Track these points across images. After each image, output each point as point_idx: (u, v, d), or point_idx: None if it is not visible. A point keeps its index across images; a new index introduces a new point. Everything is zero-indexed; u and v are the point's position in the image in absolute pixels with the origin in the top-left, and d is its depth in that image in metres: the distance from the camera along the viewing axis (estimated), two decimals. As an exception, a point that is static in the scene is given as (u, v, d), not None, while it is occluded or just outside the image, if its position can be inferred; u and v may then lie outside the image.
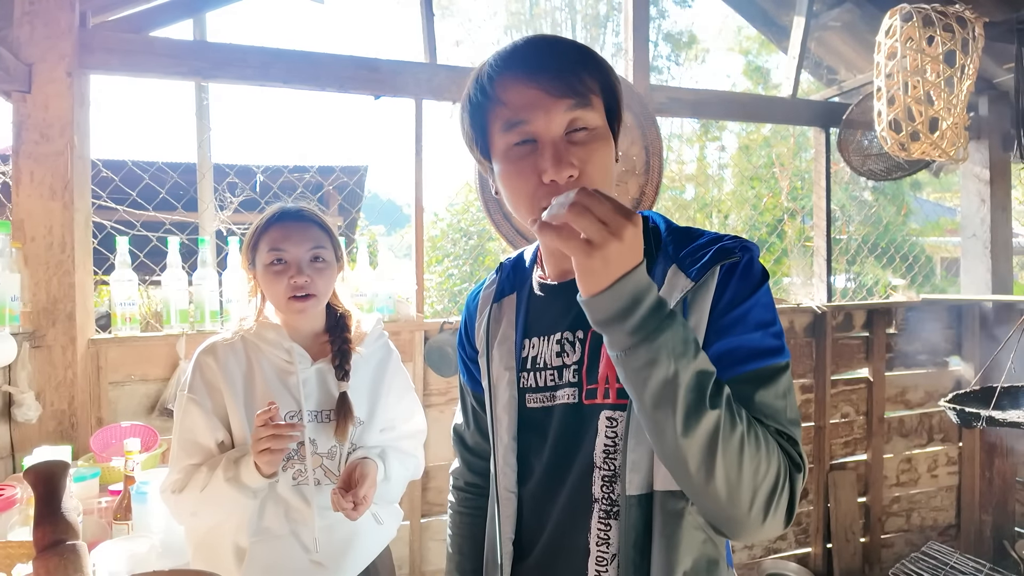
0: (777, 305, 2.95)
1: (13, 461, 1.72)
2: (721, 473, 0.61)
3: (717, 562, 0.75)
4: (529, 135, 0.72)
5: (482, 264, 6.46)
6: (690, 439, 0.61)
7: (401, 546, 2.19)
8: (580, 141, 0.72)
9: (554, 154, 0.70)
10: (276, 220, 1.25)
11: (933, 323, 2.93)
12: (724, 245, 0.73)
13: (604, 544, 0.75)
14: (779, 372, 0.70)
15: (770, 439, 0.65)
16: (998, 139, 2.92)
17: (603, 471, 0.75)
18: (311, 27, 63.13)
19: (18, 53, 1.74)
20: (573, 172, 0.70)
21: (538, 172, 0.71)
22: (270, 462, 1.10)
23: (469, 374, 0.98)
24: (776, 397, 0.69)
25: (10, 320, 1.58)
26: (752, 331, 0.70)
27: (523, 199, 0.73)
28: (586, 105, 0.72)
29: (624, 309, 0.60)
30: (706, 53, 10.57)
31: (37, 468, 0.82)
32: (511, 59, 0.74)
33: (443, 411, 2.23)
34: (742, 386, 0.68)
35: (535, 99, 0.71)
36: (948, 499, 3.05)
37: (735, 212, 7.97)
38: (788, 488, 0.66)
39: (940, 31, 1.92)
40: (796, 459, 0.68)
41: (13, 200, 1.76)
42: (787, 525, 0.67)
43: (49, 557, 0.77)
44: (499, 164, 0.75)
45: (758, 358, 0.70)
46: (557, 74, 0.71)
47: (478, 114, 0.76)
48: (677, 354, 0.60)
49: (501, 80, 0.73)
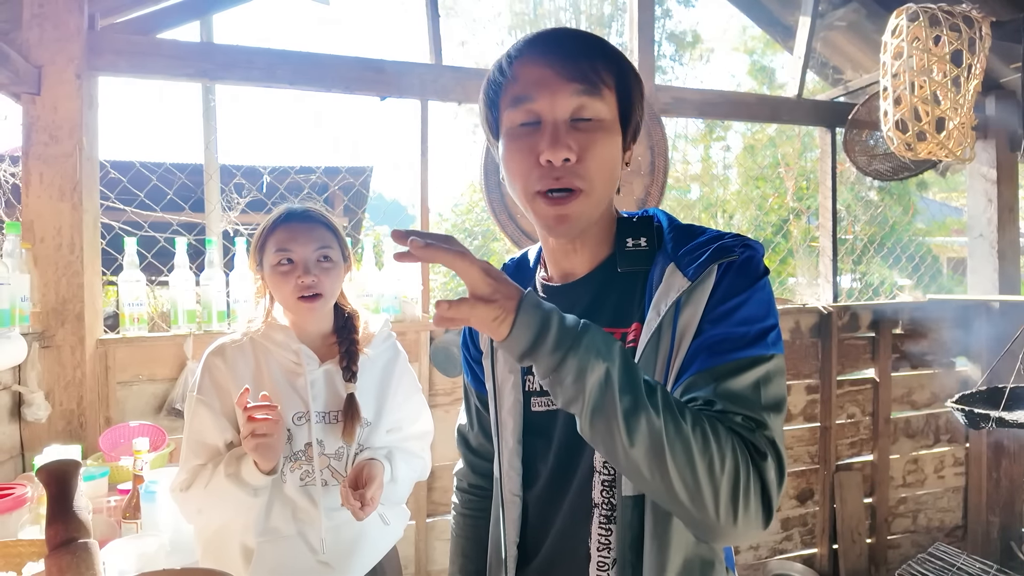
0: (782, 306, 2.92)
1: (23, 460, 1.73)
2: (675, 475, 0.59)
3: (712, 563, 0.74)
4: (534, 114, 0.72)
5: (487, 264, 6.47)
6: (636, 446, 0.59)
7: (407, 546, 2.20)
8: (583, 129, 0.72)
9: (552, 135, 0.70)
10: (283, 221, 1.25)
11: (939, 323, 2.92)
12: (724, 243, 0.72)
13: (605, 549, 0.75)
14: (759, 362, 0.67)
15: (721, 432, 0.61)
16: (1005, 139, 2.90)
17: (603, 475, 0.75)
18: (317, 29, 63.26)
19: (28, 56, 1.75)
20: (570, 156, 0.70)
21: (536, 152, 0.71)
22: (261, 452, 1.09)
23: (473, 375, 0.98)
24: (748, 387, 0.66)
25: (20, 320, 1.59)
26: (739, 325, 0.69)
27: (519, 178, 0.74)
28: (594, 93, 0.71)
29: (537, 333, 0.60)
30: (711, 53, 10.54)
31: (50, 467, 0.82)
32: (533, 42, 0.75)
33: (448, 411, 2.23)
34: (719, 376, 0.66)
35: (544, 78, 0.71)
36: (955, 500, 3.04)
37: (740, 212, 7.95)
38: (756, 480, 0.62)
39: (947, 30, 1.92)
40: (760, 447, 0.63)
41: (23, 201, 1.77)
42: (767, 522, 0.63)
43: (62, 555, 0.78)
44: (503, 141, 0.76)
45: (739, 349, 0.67)
46: (570, 58, 0.71)
47: (493, 91, 0.77)
48: (603, 353, 0.60)
49: (520, 60, 0.74)
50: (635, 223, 0.81)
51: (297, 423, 1.23)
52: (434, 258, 0.59)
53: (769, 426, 0.65)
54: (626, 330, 0.76)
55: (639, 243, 0.79)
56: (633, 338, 0.75)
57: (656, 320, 0.71)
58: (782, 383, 0.69)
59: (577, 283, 0.82)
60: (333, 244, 1.28)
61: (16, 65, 1.67)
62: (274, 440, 1.11)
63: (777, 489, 0.63)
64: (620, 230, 0.81)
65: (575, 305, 0.79)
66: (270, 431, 1.09)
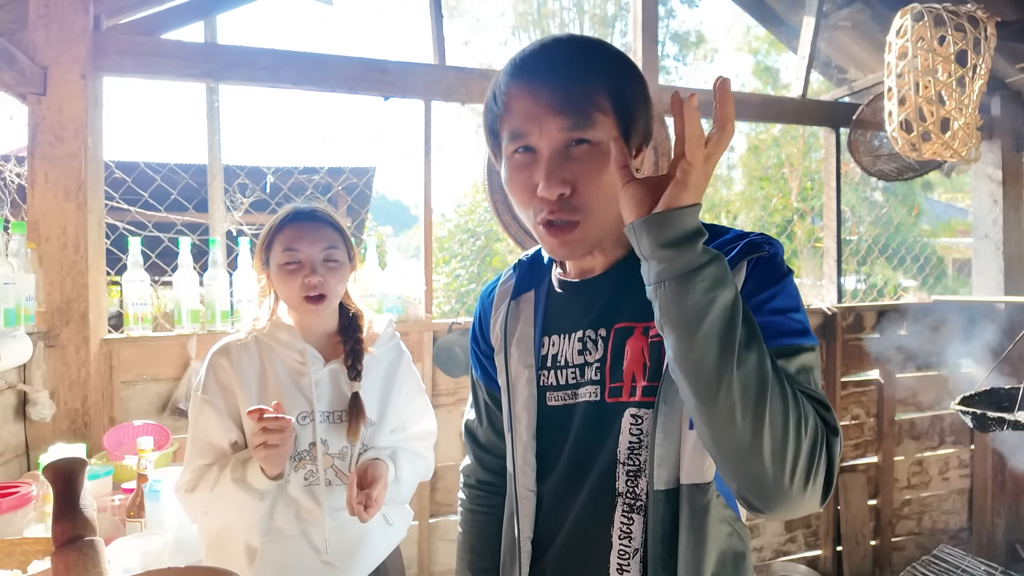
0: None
1: (28, 459, 1.74)
2: (768, 423, 0.58)
3: (743, 555, 0.75)
4: (530, 146, 0.73)
5: (489, 265, 6.47)
6: (741, 382, 0.58)
7: (410, 546, 2.20)
8: (578, 156, 0.72)
9: (547, 171, 0.71)
10: (290, 220, 1.26)
11: (944, 325, 2.91)
12: (752, 240, 0.73)
13: (627, 538, 0.75)
14: (803, 351, 0.68)
15: (802, 399, 0.62)
16: (1011, 139, 2.89)
17: (627, 467, 0.76)
18: (320, 29, 63.41)
19: (33, 56, 1.76)
20: (564, 190, 0.71)
21: (533, 184, 0.73)
22: (270, 461, 1.10)
23: (483, 370, 0.98)
24: (801, 371, 0.67)
25: (25, 320, 1.60)
26: (775, 314, 0.69)
27: (521, 208, 0.77)
28: (586, 124, 0.71)
29: (698, 228, 0.61)
30: (715, 53, 10.54)
31: (56, 465, 0.83)
32: (522, 67, 0.74)
33: (452, 411, 2.24)
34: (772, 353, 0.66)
35: (534, 113, 0.71)
36: (960, 502, 3.02)
37: (744, 213, 7.94)
38: (826, 453, 0.62)
39: (952, 30, 1.91)
40: (832, 423, 0.64)
41: (28, 201, 1.78)
42: (824, 500, 0.63)
43: (68, 553, 0.78)
44: (504, 168, 0.77)
45: (781, 336, 0.68)
46: (558, 88, 0.70)
47: (491, 119, 0.78)
48: (730, 281, 0.61)
49: (509, 90, 0.74)
50: None
51: (301, 423, 1.23)
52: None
53: (831, 408, 0.65)
54: (648, 324, 0.76)
55: None
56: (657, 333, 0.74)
57: None
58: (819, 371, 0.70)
59: (596, 279, 0.83)
60: (339, 244, 1.28)
61: (22, 65, 1.68)
62: (284, 449, 1.11)
63: (836, 470, 0.63)
64: None
65: (595, 299, 0.81)
66: (282, 442, 1.09)
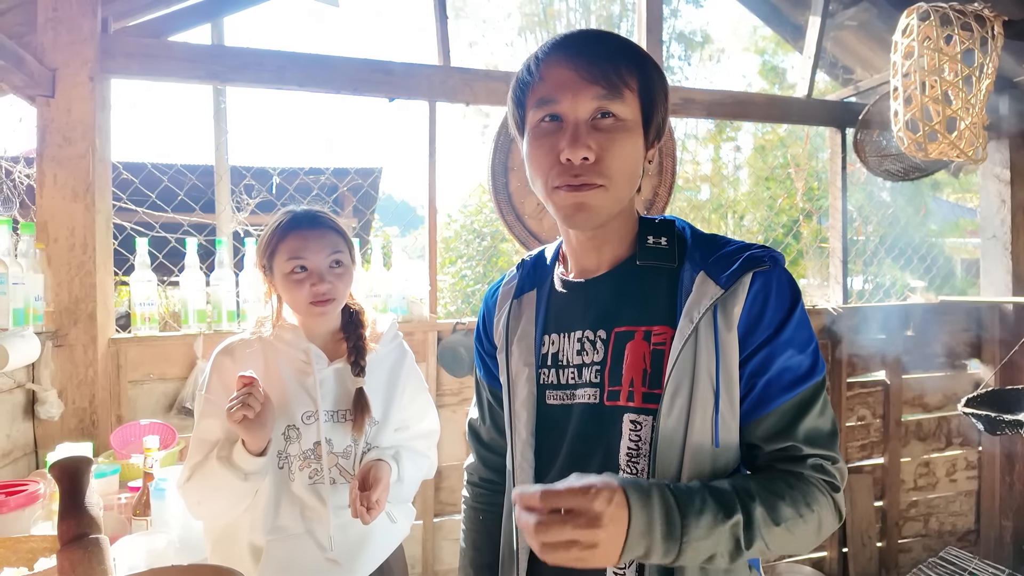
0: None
1: (36, 457, 1.75)
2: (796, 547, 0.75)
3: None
4: (557, 114, 0.75)
5: (495, 265, 6.46)
6: (771, 541, 0.71)
7: (414, 545, 2.21)
8: (604, 128, 0.74)
9: (573, 134, 0.73)
10: (293, 228, 1.25)
11: (951, 325, 2.89)
12: (753, 253, 0.75)
13: None
14: (819, 390, 0.76)
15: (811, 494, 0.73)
16: (1018, 139, 2.87)
17: (626, 473, 0.76)
18: (326, 30, 63.60)
19: (42, 59, 1.78)
20: (589, 155, 0.73)
21: (557, 151, 0.74)
22: (250, 431, 1.10)
23: (486, 369, 0.99)
24: (819, 416, 0.75)
25: (34, 320, 1.61)
26: (795, 355, 0.75)
27: (540, 174, 0.77)
28: (615, 96, 0.74)
29: (647, 547, 0.65)
30: (721, 53, 10.49)
31: (62, 463, 0.84)
32: (560, 44, 0.77)
33: (455, 411, 2.24)
34: (789, 414, 0.75)
35: (568, 80, 0.74)
36: (967, 504, 3.00)
37: (750, 213, 7.90)
38: (833, 510, 0.75)
39: (958, 30, 1.90)
40: (835, 481, 0.75)
41: (37, 202, 1.80)
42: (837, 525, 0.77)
43: (73, 550, 0.79)
44: (527, 138, 0.79)
45: (801, 382, 0.75)
46: (594, 61, 0.74)
47: (520, 90, 0.79)
48: (715, 530, 0.67)
49: (546, 61, 0.77)
50: (657, 224, 0.84)
51: (306, 422, 1.24)
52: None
53: (839, 458, 0.77)
54: (649, 328, 0.78)
55: (659, 242, 0.82)
56: (660, 340, 0.77)
57: (689, 327, 0.74)
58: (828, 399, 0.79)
59: (598, 279, 0.84)
60: (343, 248, 1.28)
61: (31, 68, 1.69)
62: (262, 419, 1.11)
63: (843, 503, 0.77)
64: (642, 230, 0.84)
65: (596, 300, 0.82)
66: (253, 405, 1.09)
